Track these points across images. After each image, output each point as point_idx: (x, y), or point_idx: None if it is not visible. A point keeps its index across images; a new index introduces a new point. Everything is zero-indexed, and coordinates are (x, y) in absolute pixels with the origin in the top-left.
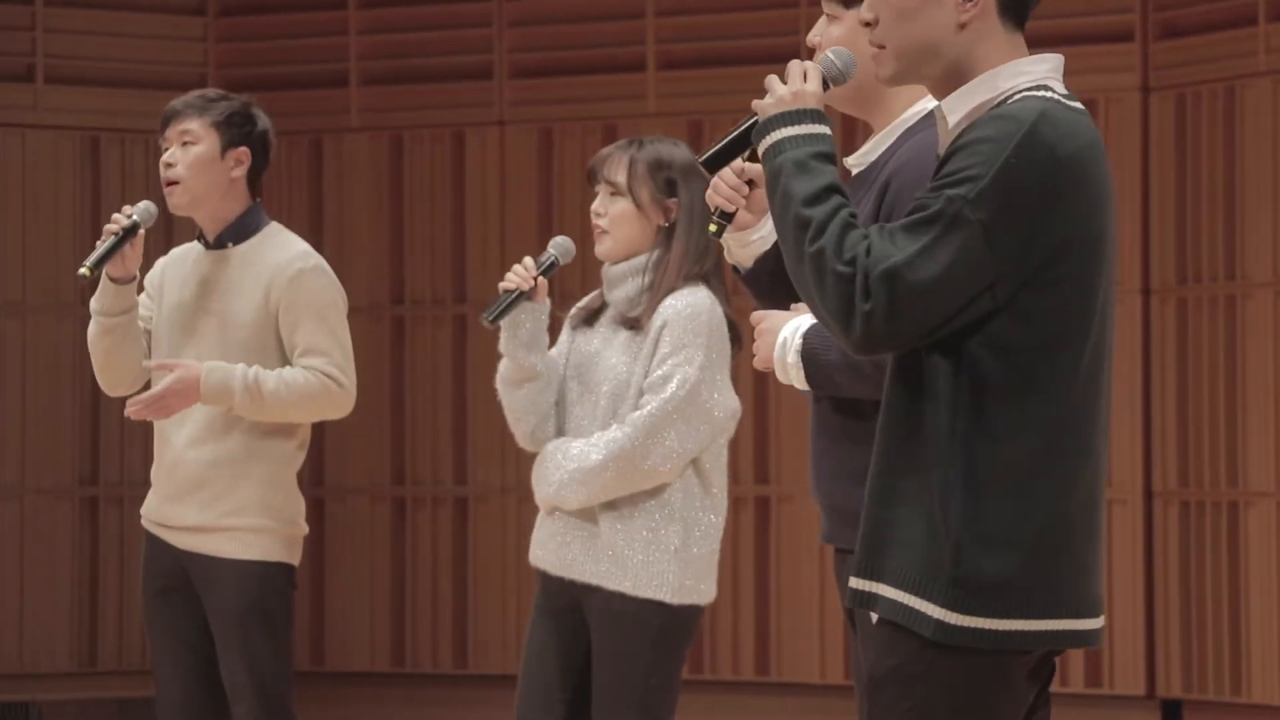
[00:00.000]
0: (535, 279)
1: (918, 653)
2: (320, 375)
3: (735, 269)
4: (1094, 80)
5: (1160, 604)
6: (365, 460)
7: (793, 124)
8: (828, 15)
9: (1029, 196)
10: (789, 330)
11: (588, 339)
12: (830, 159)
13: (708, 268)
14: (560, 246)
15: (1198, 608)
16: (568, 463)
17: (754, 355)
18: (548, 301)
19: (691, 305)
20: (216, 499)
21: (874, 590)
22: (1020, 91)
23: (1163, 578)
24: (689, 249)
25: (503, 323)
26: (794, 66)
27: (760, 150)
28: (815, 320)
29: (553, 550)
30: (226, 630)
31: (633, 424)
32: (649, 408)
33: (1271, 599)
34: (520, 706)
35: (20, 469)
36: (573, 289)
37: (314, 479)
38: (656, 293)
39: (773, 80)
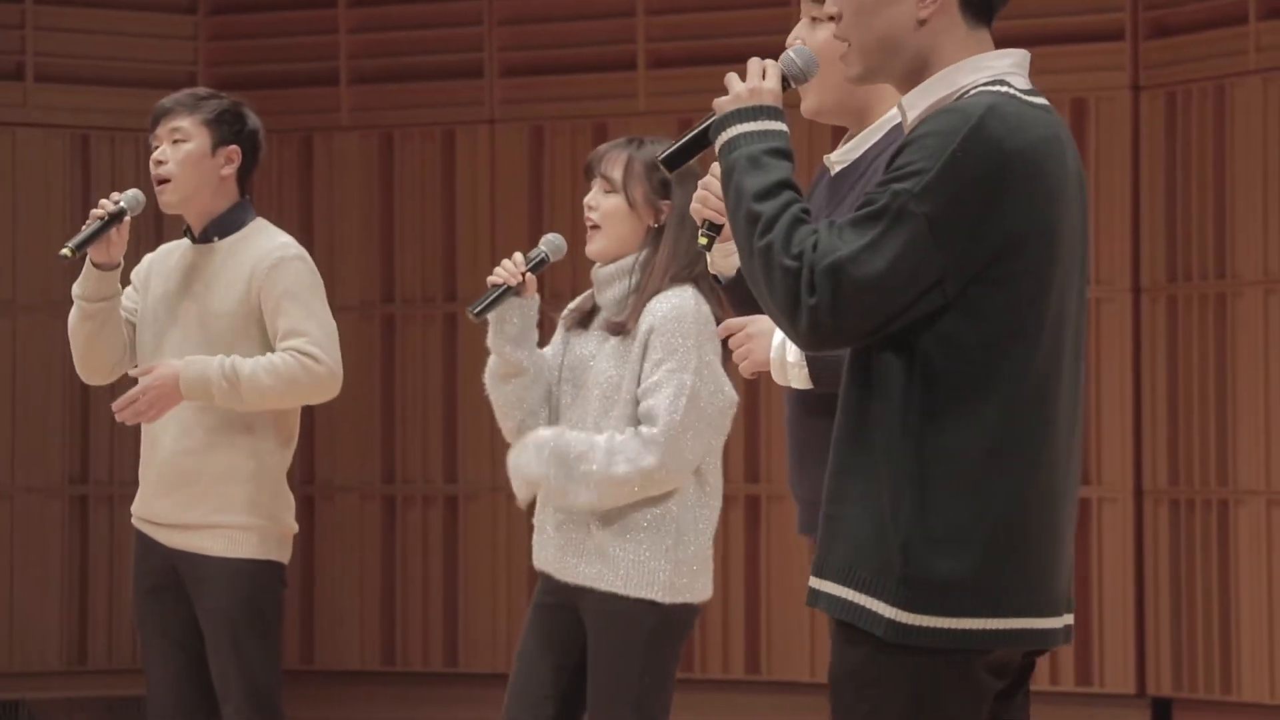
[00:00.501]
0: (524, 275)
1: (872, 655)
2: (298, 356)
3: (716, 278)
4: (1084, 79)
5: (1150, 602)
6: (355, 458)
7: (748, 120)
8: (811, 18)
9: (975, 190)
10: None
11: (582, 342)
12: (784, 155)
13: (698, 272)
14: (551, 244)
15: (1188, 606)
16: (587, 465)
17: (740, 360)
18: (537, 298)
19: (677, 308)
20: (205, 497)
21: (824, 589)
22: (977, 87)
23: (1153, 576)
24: (677, 252)
25: (490, 318)
26: (753, 64)
27: (716, 147)
28: None
29: (552, 553)
30: (216, 629)
31: (655, 444)
32: (661, 424)
33: (1261, 597)
34: (509, 701)
35: (10, 468)
36: (563, 289)
37: (304, 477)
38: (641, 295)
39: (732, 78)
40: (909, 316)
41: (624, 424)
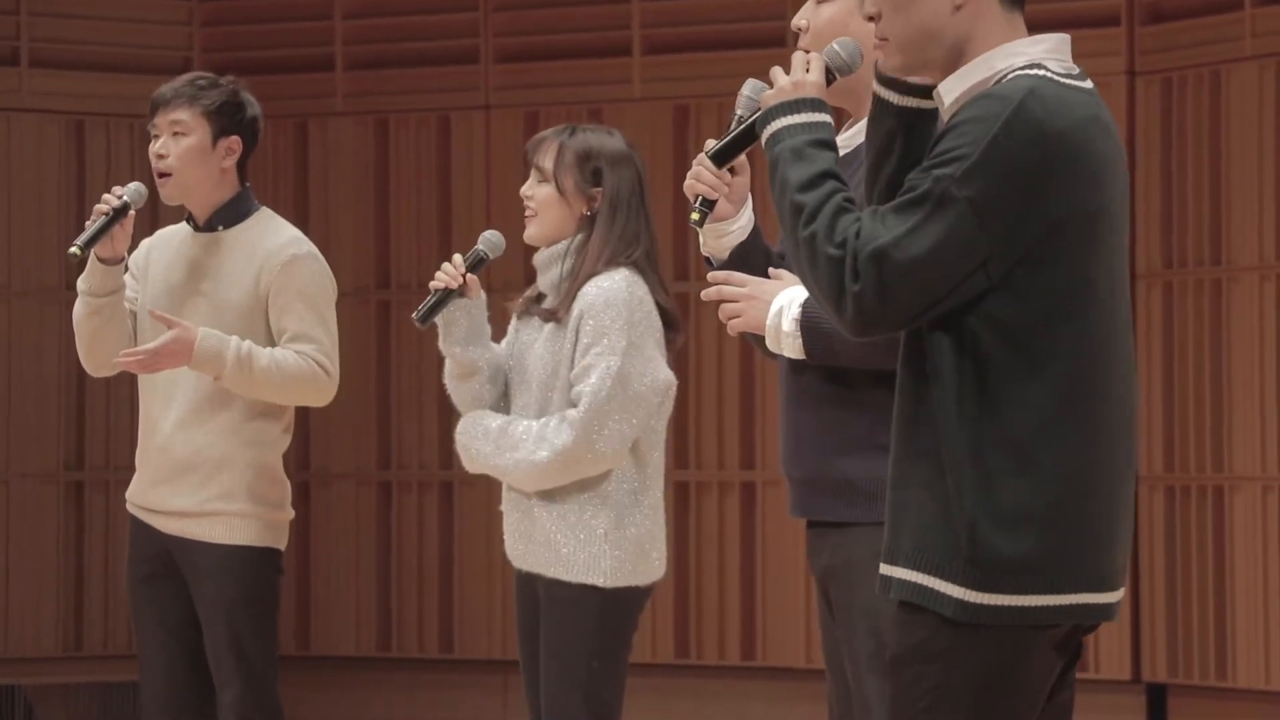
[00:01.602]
0: (464, 276)
1: (938, 631)
2: (311, 361)
3: (708, 260)
4: (1080, 64)
5: (1146, 589)
6: (351, 445)
7: (791, 113)
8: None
9: (1018, 173)
10: (785, 299)
11: (527, 329)
12: (828, 145)
13: (636, 255)
14: (489, 241)
15: (1183, 592)
16: (514, 453)
17: (731, 318)
18: (483, 295)
19: (606, 291)
20: (202, 484)
21: (893, 574)
22: (1014, 71)
23: (1148, 562)
24: (610, 237)
25: (438, 321)
26: (798, 57)
27: (762, 140)
28: None
29: (510, 543)
30: (213, 615)
31: (572, 424)
32: (583, 404)
33: (1257, 583)
34: (526, 694)
35: (5, 453)
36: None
37: (300, 463)
38: (575, 280)
39: (777, 71)
40: (954, 300)
41: (564, 409)
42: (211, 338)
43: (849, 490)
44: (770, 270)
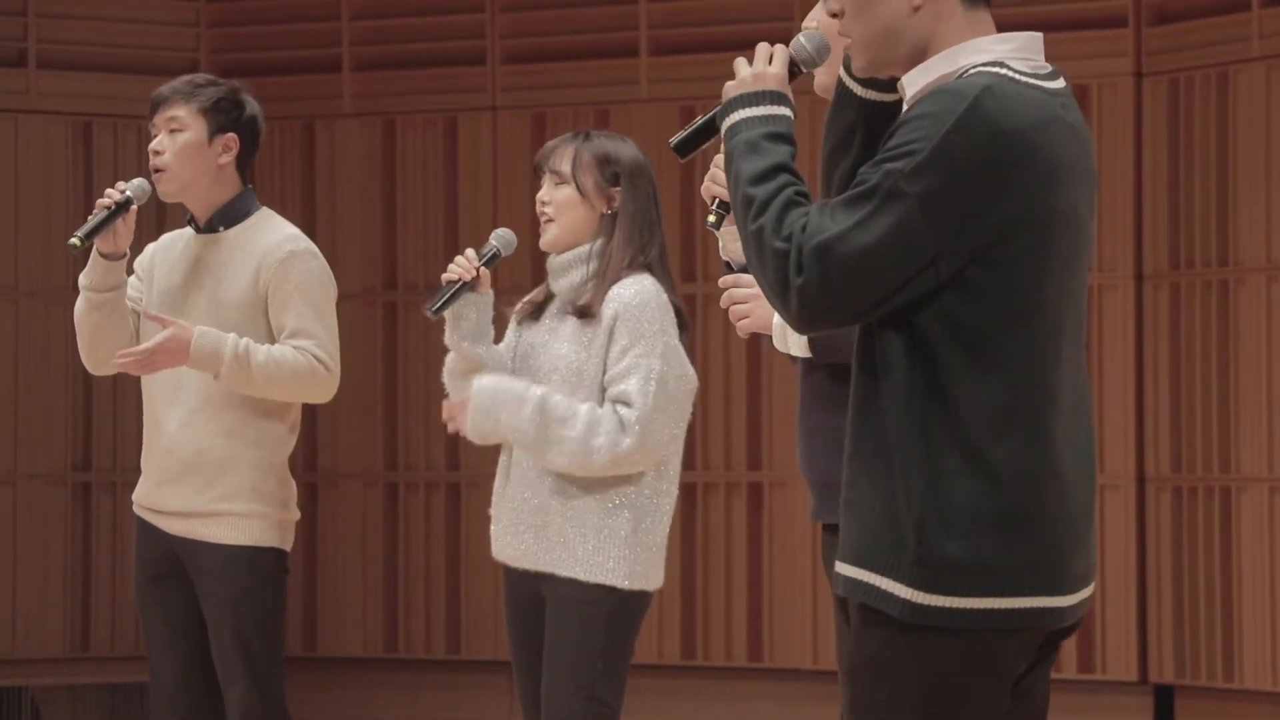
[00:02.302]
0: (478, 270)
1: (891, 638)
2: (309, 356)
3: (728, 264)
4: (1087, 66)
5: (1153, 590)
6: (358, 445)
7: (749, 105)
8: (824, 1)
9: (968, 171)
10: None
11: (534, 332)
12: (783, 139)
13: (651, 257)
14: (502, 238)
15: (1190, 593)
16: (564, 430)
17: (739, 319)
18: (491, 293)
19: (640, 294)
20: (208, 484)
21: (844, 572)
22: (975, 68)
23: (1155, 563)
24: (633, 237)
25: (446, 315)
26: (761, 48)
27: (721, 132)
28: None
29: (508, 542)
30: (219, 616)
31: (630, 428)
32: (637, 408)
33: (1264, 584)
34: (522, 706)
35: (13, 454)
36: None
37: (307, 464)
38: (603, 280)
39: (740, 63)
40: (903, 297)
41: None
42: (208, 336)
43: None
44: None
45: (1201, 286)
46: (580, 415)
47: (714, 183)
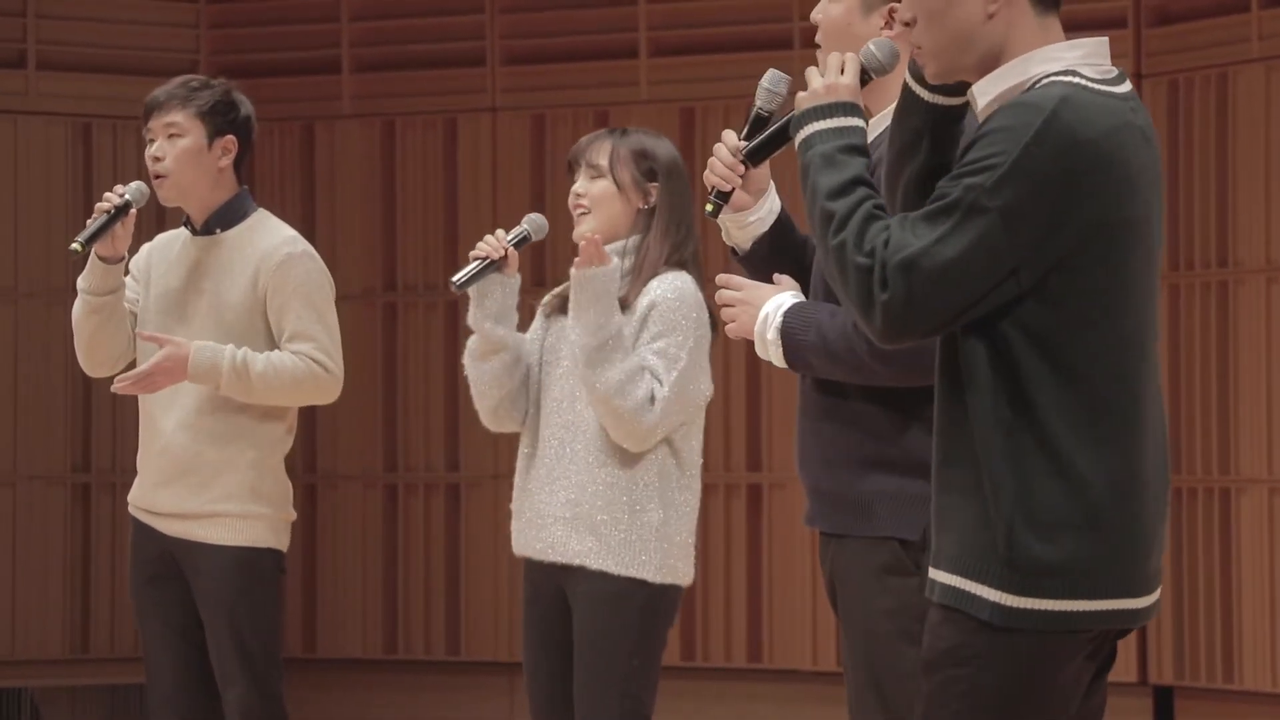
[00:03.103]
0: (506, 250)
1: (972, 634)
2: (308, 360)
3: (733, 251)
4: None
5: None
6: (357, 446)
7: (824, 118)
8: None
9: (1049, 183)
10: (771, 306)
11: (563, 327)
12: (860, 151)
13: (687, 255)
14: (534, 223)
15: (1190, 595)
16: (620, 357)
17: (728, 323)
18: (518, 277)
19: (678, 290)
20: (205, 485)
21: (936, 578)
22: (1048, 77)
23: None
24: (670, 233)
25: (470, 293)
26: (832, 58)
27: (795, 144)
28: (798, 298)
29: (532, 535)
30: (216, 617)
31: (655, 415)
32: (667, 392)
33: (1263, 586)
34: (533, 710)
35: (12, 455)
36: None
37: (306, 465)
38: (639, 275)
39: (812, 72)
40: (983, 308)
41: None
42: (205, 350)
43: (840, 502)
44: (775, 275)
45: (1201, 287)
46: (633, 359)
47: (713, 172)
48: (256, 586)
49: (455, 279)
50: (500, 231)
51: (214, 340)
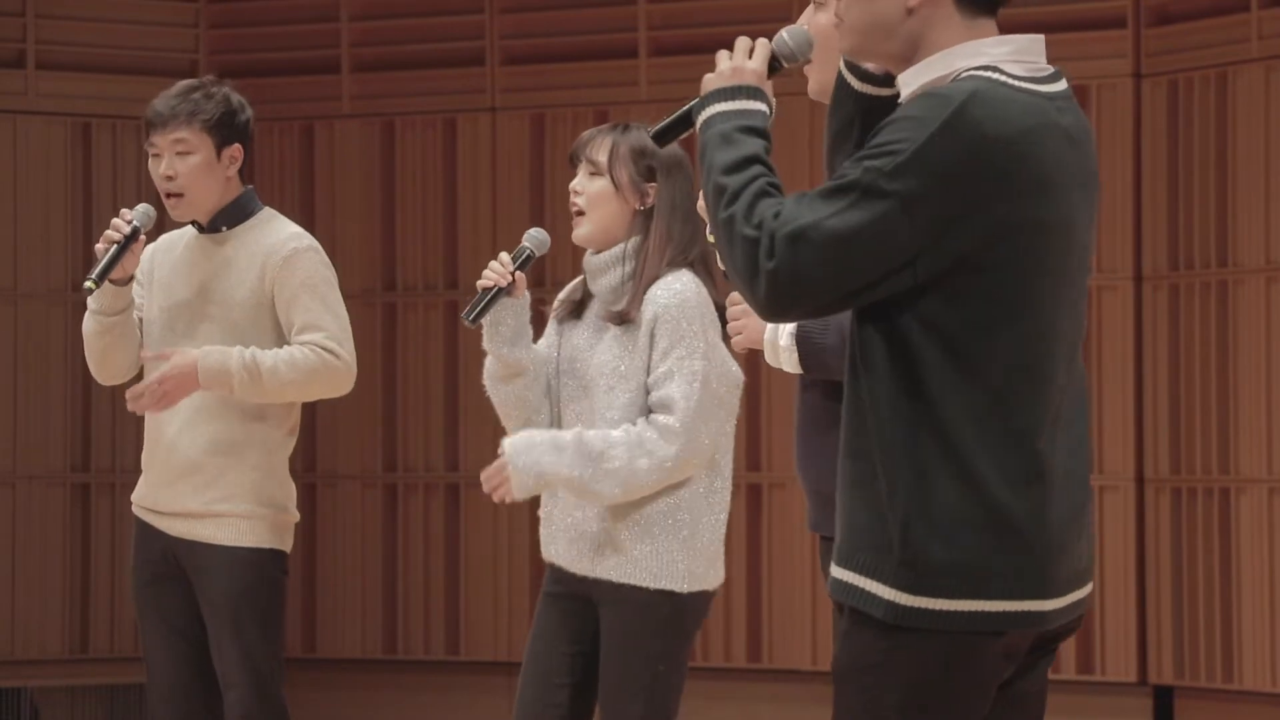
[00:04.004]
0: (513, 274)
1: (873, 641)
2: (318, 350)
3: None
4: (1086, 66)
5: (1152, 591)
6: (357, 446)
7: (726, 99)
8: (814, 3)
9: (952, 176)
10: None
11: (577, 332)
12: (759, 133)
13: (693, 256)
14: (535, 239)
15: (1189, 595)
16: (605, 464)
17: (735, 335)
18: (527, 295)
19: (679, 294)
20: (208, 485)
21: (834, 573)
22: (968, 71)
23: (1154, 564)
24: (671, 235)
25: (484, 321)
26: (741, 42)
27: (697, 125)
28: None
29: (563, 546)
30: (218, 617)
31: (674, 435)
32: (679, 412)
33: (1263, 586)
34: (523, 685)
35: (12, 455)
36: (564, 278)
37: (306, 465)
38: (639, 282)
39: (721, 55)
40: (874, 294)
41: (634, 413)
42: (212, 355)
43: None
44: None
45: (1200, 288)
46: (618, 443)
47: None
48: (259, 587)
49: (466, 314)
50: (504, 255)
51: (222, 340)
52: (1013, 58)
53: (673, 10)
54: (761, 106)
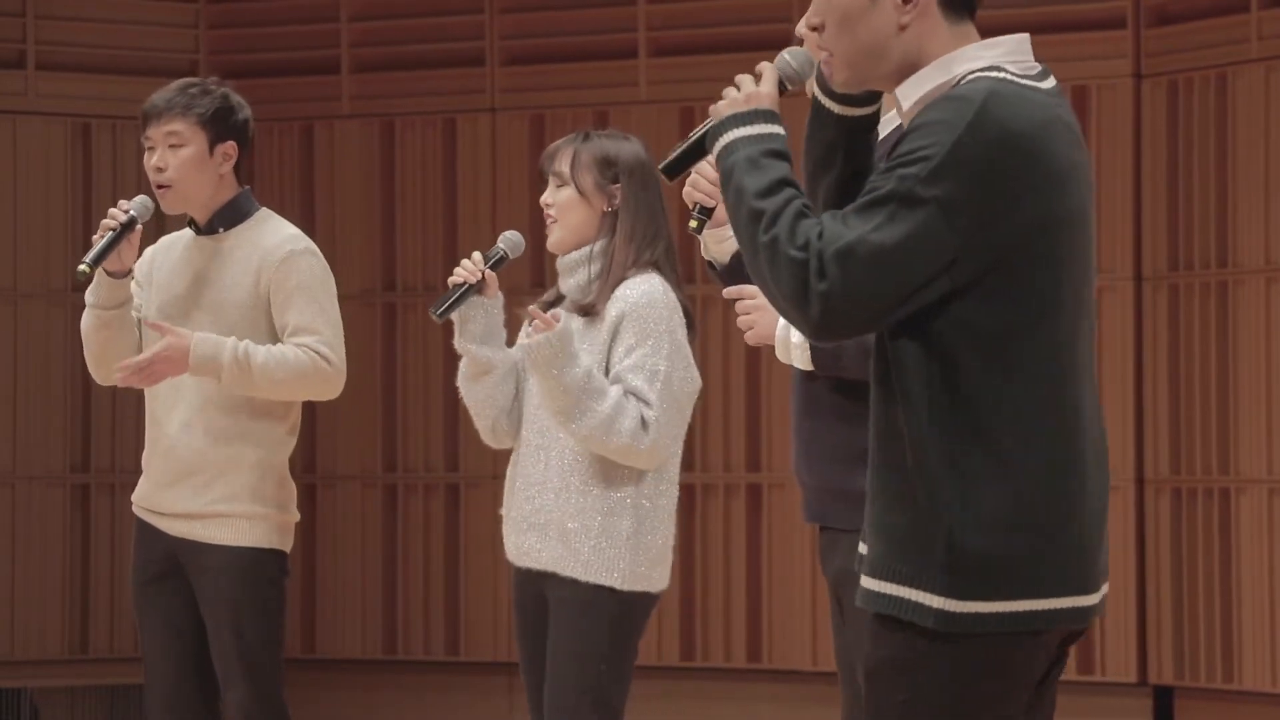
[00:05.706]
0: (484, 273)
1: (913, 640)
2: (311, 353)
3: (711, 265)
4: (1086, 67)
5: (1152, 591)
6: (357, 447)
7: (744, 125)
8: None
9: (985, 174)
10: None
11: None
12: (782, 156)
13: (658, 254)
14: (509, 241)
15: (1189, 595)
16: (598, 404)
17: (746, 330)
18: (500, 296)
19: (647, 294)
20: (209, 485)
21: (871, 586)
22: (974, 73)
23: (1154, 565)
24: (635, 234)
25: (454, 318)
26: (745, 77)
27: (714, 153)
28: None
29: (515, 541)
30: (218, 617)
31: (651, 434)
32: (656, 408)
33: (1263, 586)
34: (531, 709)
35: (12, 456)
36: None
37: (305, 465)
38: (607, 279)
39: (734, 84)
40: (919, 301)
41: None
42: (206, 342)
43: (860, 500)
44: None
45: (1200, 288)
46: (610, 395)
47: (694, 189)
48: (259, 587)
49: (434, 308)
50: (477, 254)
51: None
52: (1007, 58)
53: (673, 10)
54: (780, 130)
